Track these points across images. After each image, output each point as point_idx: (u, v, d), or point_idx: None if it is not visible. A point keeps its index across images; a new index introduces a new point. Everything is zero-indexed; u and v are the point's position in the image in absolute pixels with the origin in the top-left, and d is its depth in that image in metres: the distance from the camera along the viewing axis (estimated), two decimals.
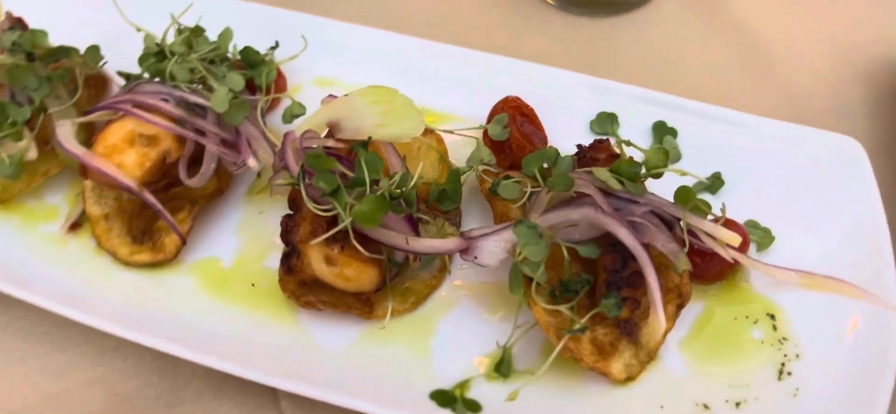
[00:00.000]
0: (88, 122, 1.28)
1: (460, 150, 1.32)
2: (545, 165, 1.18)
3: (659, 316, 1.02)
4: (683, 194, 1.08)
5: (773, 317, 1.11)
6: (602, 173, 1.08)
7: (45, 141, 1.30)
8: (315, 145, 1.16)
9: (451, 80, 1.40)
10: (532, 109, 1.31)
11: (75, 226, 1.28)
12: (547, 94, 1.34)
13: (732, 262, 1.09)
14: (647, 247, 1.04)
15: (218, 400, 1.15)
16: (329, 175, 1.08)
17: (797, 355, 1.08)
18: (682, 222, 1.07)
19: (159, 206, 1.20)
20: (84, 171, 1.21)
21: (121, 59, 1.36)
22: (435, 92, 1.39)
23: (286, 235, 1.13)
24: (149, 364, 1.18)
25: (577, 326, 1.03)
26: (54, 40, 1.35)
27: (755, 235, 1.18)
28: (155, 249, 1.22)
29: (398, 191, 1.10)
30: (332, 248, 1.09)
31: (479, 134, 1.31)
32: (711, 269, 1.12)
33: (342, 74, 1.45)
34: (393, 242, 1.10)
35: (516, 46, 1.54)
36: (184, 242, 1.22)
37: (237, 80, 1.28)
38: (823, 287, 1.11)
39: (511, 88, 1.35)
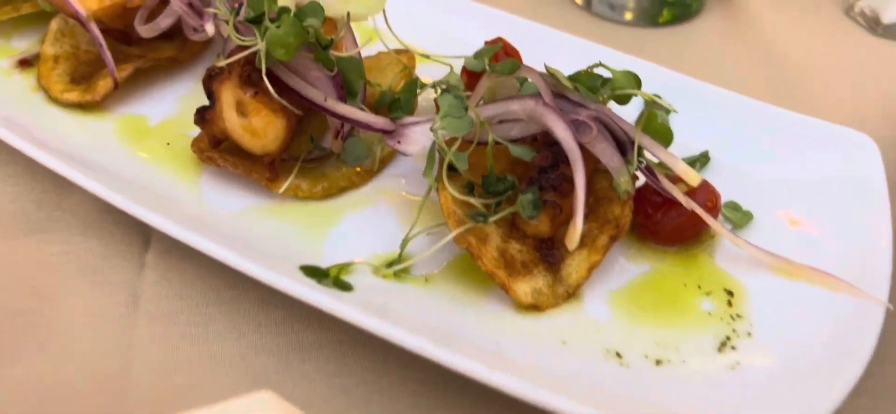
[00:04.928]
0: None
1: None
2: None
3: (577, 223, 0.84)
4: (647, 116, 0.91)
5: (730, 293, 0.90)
6: (555, 71, 0.93)
7: None
8: None
9: (449, 29, 1.29)
10: (517, 52, 1.18)
11: (25, 63, 1.23)
12: (540, 50, 1.20)
13: (690, 214, 0.90)
14: (584, 148, 0.87)
15: (83, 236, 1.02)
16: (258, 2, 0.97)
17: (748, 334, 0.86)
18: (635, 142, 0.89)
19: (102, 40, 1.13)
20: None
21: None
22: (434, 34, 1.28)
23: (208, 81, 1.03)
24: (32, 195, 1.07)
25: (479, 214, 0.86)
26: None
27: (733, 216, 0.98)
28: (86, 91, 1.14)
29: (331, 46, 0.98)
30: (245, 91, 0.97)
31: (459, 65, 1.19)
32: (668, 223, 0.93)
33: None
34: (310, 96, 0.97)
35: None
36: (116, 85, 1.13)
37: None
38: (798, 275, 0.89)
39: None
